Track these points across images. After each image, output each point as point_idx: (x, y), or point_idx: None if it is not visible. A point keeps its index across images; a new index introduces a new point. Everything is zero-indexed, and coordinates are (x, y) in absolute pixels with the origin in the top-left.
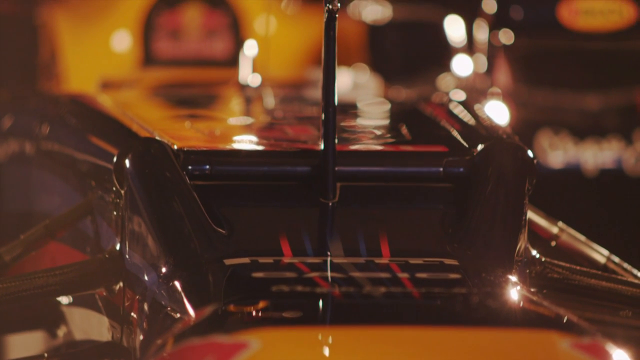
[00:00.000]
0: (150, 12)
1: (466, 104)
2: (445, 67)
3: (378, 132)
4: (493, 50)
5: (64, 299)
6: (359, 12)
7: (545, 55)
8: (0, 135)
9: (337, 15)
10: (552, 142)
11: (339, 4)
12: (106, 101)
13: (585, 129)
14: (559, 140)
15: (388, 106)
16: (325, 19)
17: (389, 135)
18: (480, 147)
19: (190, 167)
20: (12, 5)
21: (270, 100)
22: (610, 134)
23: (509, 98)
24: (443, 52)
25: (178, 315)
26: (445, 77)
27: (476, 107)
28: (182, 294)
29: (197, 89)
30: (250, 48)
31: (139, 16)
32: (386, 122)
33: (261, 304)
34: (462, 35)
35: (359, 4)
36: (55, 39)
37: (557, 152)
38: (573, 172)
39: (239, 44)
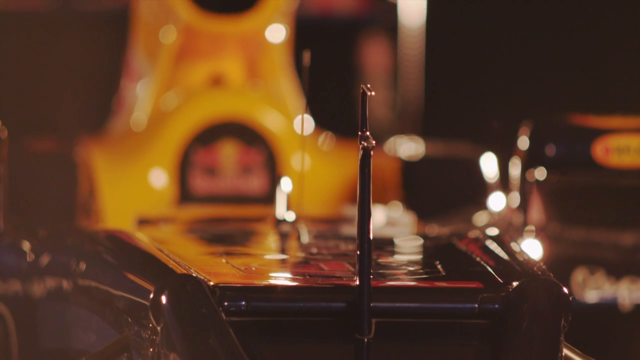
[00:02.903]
0: (186, 150)
1: (501, 240)
2: (480, 203)
3: (413, 268)
4: (527, 187)
5: None
6: (395, 148)
7: (579, 192)
8: (38, 272)
9: (372, 153)
10: (587, 278)
11: (373, 142)
12: (143, 238)
13: (621, 266)
14: (594, 277)
15: (423, 242)
16: (360, 156)
17: (423, 271)
18: (515, 283)
19: (226, 304)
20: (51, 143)
21: (305, 237)
22: None
23: (543, 234)
24: (477, 188)
25: None
26: (479, 214)
27: (511, 243)
28: None
29: (233, 225)
30: (285, 185)
31: (175, 154)
32: (421, 257)
33: None
34: (496, 172)
35: (395, 140)
36: (93, 177)
37: (593, 289)
38: (609, 309)
39: (274, 181)
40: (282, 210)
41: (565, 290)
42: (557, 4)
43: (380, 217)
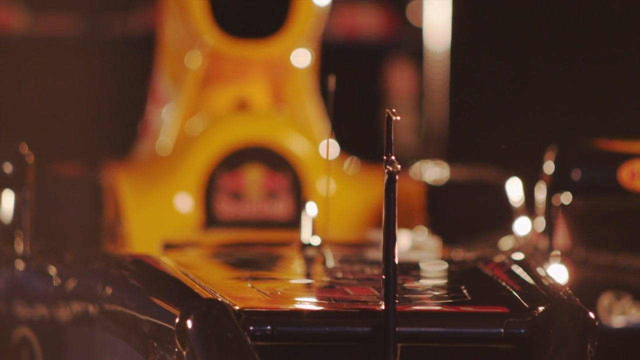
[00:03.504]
0: (211, 174)
1: (526, 265)
2: (505, 228)
3: (438, 293)
4: (552, 212)
5: None
6: (420, 172)
7: (605, 217)
8: (64, 297)
9: (397, 177)
10: (614, 303)
11: (399, 166)
12: (168, 262)
13: None
14: (621, 302)
15: (448, 266)
16: (385, 181)
17: (449, 295)
18: (541, 308)
19: (251, 328)
20: (77, 168)
21: (331, 261)
22: None
23: (569, 259)
24: (503, 213)
25: None
26: (505, 238)
27: (536, 267)
28: None
29: (259, 249)
30: (311, 209)
31: (200, 178)
32: (446, 282)
33: None
34: (521, 196)
35: (420, 164)
36: (119, 201)
37: (619, 314)
38: (635, 334)
39: (300, 205)
40: (307, 235)
41: (592, 315)
42: (582, 27)
43: (405, 241)
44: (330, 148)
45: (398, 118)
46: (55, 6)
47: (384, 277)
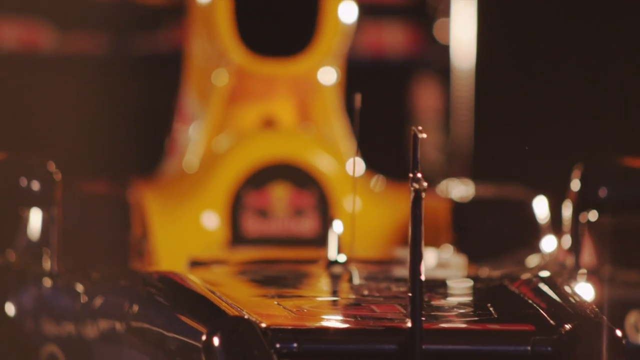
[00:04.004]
0: (238, 192)
1: (553, 283)
2: (532, 245)
3: (465, 310)
4: (579, 229)
5: None
6: (446, 190)
7: (632, 234)
8: (91, 314)
9: (423, 195)
10: None
11: (425, 184)
12: (195, 280)
13: None
14: None
15: (474, 284)
16: (411, 198)
17: (475, 313)
18: (568, 326)
19: (278, 345)
20: (104, 185)
21: (357, 278)
22: None
23: (596, 277)
24: (529, 230)
25: None
26: (531, 256)
27: (563, 285)
28: None
29: (285, 267)
30: (337, 227)
31: (226, 196)
32: (472, 299)
33: None
34: (548, 214)
35: (446, 182)
36: (145, 218)
37: None
38: None
39: (326, 223)
40: (333, 252)
41: (619, 333)
42: (608, 44)
43: (431, 259)
44: (356, 166)
45: (424, 135)
46: (83, 25)
47: (410, 294)
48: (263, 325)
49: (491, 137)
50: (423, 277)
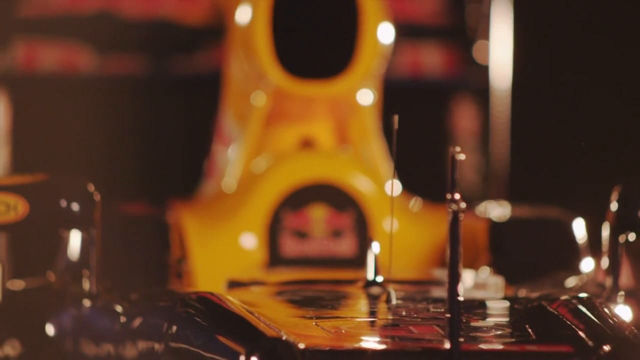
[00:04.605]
0: (276, 213)
1: (591, 304)
2: (570, 266)
3: (503, 331)
4: (617, 251)
5: None
6: (484, 211)
7: None
8: (130, 334)
9: (461, 216)
10: None
11: (463, 205)
12: (233, 300)
13: None
14: None
15: (512, 305)
16: (449, 219)
17: (514, 334)
18: (606, 347)
19: None
20: (143, 206)
21: (395, 299)
22: None
23: (634, 298)
24: (567, 251)
25: None
26: (569, 277)
27: (601, 306)
28: None
29: (323, 287)
30: (375, 247)
31: (265, 216)
32: (511, 320)
33: None
34: (585, 235)
35: (484, 203)
36: (184, 239)
37: None
38: None
39: (364, 244)
40: (371, 273)
41: None
42: None
43: (469, 280)
44: (394, 186)
45: (462, 157)
46: (122, 47)
47: (448, 315)
48: (301, 346)
49: (528, 159)
50: (461, 298)
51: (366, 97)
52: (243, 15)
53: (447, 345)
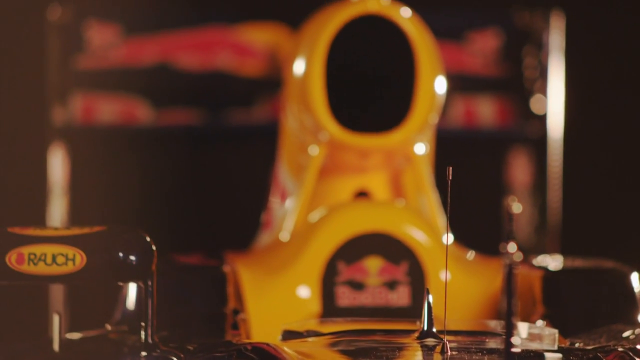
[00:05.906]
0: (330, 263)
1: None
2: (627, 319)
3: None
4: None
5: None
6: (538, 263)
7: None
8: None
9: (517, 268)
10: None
11: (519, 256)
12: (288, 351)
13: None
14: None
15: (567, 356)
16: (505, 272)
17: None
18: None
19: None
20: (199, 257)
21: (450, 351)
22: None
23: None
24: (623, 303)
25: None
26: (625, 329)
27: None
28: None
29: (378, 338)
30: (429, 299)
31: (319, 267)
32: None
33: None
34: None
35: (539, 256)
36: (240, 290)
37: None
38: None
39: (418, 294)
40: (426, 324)
41: None
42: None
43: (524, 331)
44: (449, 238)
45: (519, 208)
46: (179, 99)
47: None
48: None
49: (581, 211)
50: (517, 350)
51: (421, 148)
52: (299, 67)
53: None
